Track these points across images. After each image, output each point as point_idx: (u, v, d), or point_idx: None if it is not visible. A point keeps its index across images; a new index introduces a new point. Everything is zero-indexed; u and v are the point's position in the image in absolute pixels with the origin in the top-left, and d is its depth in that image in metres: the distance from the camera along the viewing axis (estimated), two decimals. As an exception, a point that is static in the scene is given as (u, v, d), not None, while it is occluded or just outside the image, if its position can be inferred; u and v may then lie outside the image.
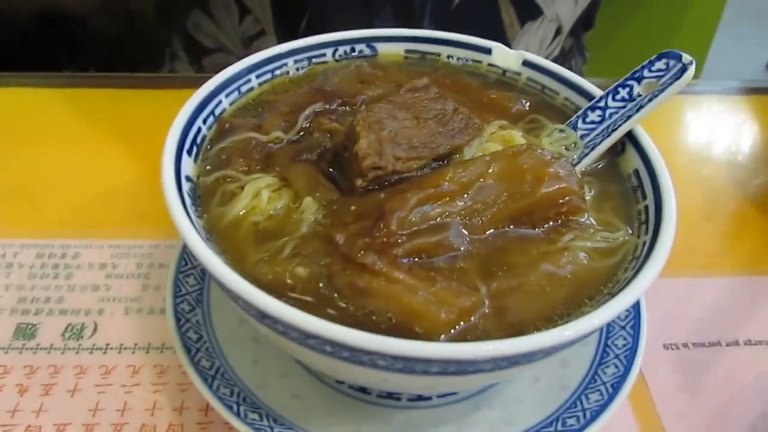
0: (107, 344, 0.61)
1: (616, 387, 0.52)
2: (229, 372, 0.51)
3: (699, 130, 0.96)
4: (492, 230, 0.46)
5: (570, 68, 1.21)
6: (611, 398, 0.51)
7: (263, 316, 0.38)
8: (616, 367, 0.54)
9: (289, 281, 0.41)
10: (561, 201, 0.47)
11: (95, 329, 0.62)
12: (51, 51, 1.25)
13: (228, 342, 0.54)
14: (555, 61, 1.17)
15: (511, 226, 0.47)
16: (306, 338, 0.37)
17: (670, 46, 0.56)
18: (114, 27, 1.29)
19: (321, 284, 0.42)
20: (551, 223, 0.47)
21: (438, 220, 0.44)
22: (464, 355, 0.35)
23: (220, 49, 1.12)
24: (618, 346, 0.56)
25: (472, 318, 0.40)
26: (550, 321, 0.41)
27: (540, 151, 0.48)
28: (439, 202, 0.45)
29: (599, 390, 0.52)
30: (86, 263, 0.68)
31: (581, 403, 0.51)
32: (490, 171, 0.47)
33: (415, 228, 0.43)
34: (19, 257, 0.69)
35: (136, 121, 0.87)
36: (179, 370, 0.58)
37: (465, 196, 0.45)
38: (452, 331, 0.39)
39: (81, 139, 0.84)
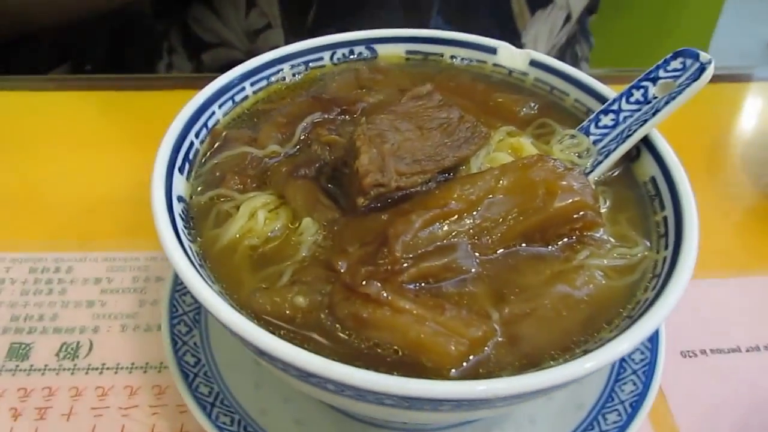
0: (103, 364, 0.59)
1: (635, 406, 0.50)
2: (229, 398, 0.49)
3: (710, 120, 0.93)
4: (502, 249, 0.44)
5: (576, 55, 1.18)
6: (630, 419, 0.49)
7: (261, 353, 0.35)
8: (634, 384, 0.51)
9: (288, 312, 0.39)
10: (575, 216, 0.44)
11: (91, 348, 0.60)
12: (42, 50, 1.22)
13: (227, 365, 0.52)
14: (561, 48, 1.15)
15: (523, 244, 0.44)
16: (307, 376, 0.35)
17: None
18: (109, 23, 1.26)
19: (322, 315, 0.39)
20: (565, 239, 0.45)
21: (445, 241, 0.42)
22: (477, 395, 0.33)
23: (221, 44, 1.09)
24: (635, 361, 0.53)
25: (485, 349, 0.37)
26: (567, 349, 0.39)
27: (552, 162, 0.45)
28: (446, 222, 0.42)
29: (617, 410, 0.50)
30: (80, 278, 0.66)
31: (598, 424, 0.49)
32: (499, 185, 0.44)
33: (421, 251, 0.41)
34: (12, 272, 0.66)
35: (131, 124, 0.85)
36: (178, 390, 0.55)
37: (474, 213, 0.43)
38: (464, 364, 0.37)
39: (74, 145, 0.82)
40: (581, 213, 0.44)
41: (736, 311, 0.67)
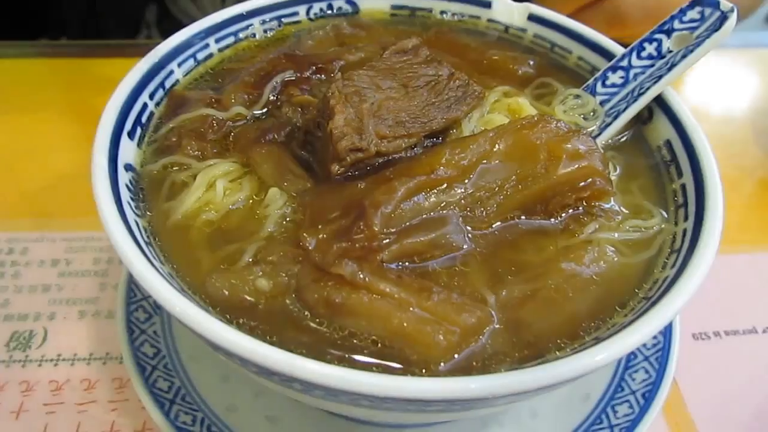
0: (59, 355, 0.54)
1: (648, 397, 0.44)
2: (192, 393, 0.44)
3: (718, 89, 0.88)
4: (499, 223, 0.38)
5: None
6: (643, 411, 0.44)
7: (215, 347, 0.30)
8: (647, 372, 0.46)
9: (249, 297, 0.33)
10: (582, 183, 0.39)
11: (45, 337, 0.55)
12: (18, 18, 1.16)
13: (192, 356, 0.47)
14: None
15: (523, 217, 0.39)
16: (270, 374, 0.29)
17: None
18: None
19: (288, 300, 0.33)
20: (571, 210, 0.40)
21: (432, 213, 0.36)
22: (470, 394, 0.28)
23: None
24: (647, 346, 0.48)
25: (480, 338, 0.32)
26: (575, 337, 0.33)
27: (555, 123, 0.40)
28: (434, 191, 0.36)
29: (628, 401, 0.45)
30: (36, 259, 0.61)
31: (608, 417, 0.44)
32: (495, 150, 0.38)
33: (405, 225, 0.35)
34: (-40, 254, 0.61)
35: (94, 94, 0.78)
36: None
37: (465, 182, 0.37)
38: (455, 356, 0.31)
39: (31, 117, 0.75)
40: (589, 180, 0.39)
41: (750, 289, 0.63)
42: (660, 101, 0.46)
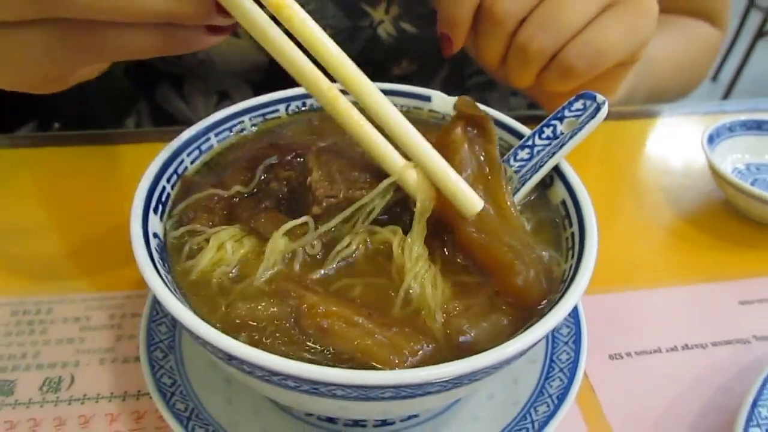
0: (84, 395, 0.64)
1: (561, 398, 0.57)
2: (204, 413, 0.55)
3: (633, 153, 1.04)
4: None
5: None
6: (557, 408, 0.56)
7: (230, 358, 0.42)
8: (561, 380, 0.59)
9: (254, 323, 0.46)
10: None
11: (72, 381, 0.65)
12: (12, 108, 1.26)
13: (201, 385, 0.58)
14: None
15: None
16: (271, 375, 0.41)
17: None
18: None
19: (288, 324, 0.46)
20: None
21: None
22: (417, 380, 0.40)
23: (186, 122, 1.14)
24: (562, 361, 0.61)
25: (421, 354, 0.45)
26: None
27: None
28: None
29: (546, 402, 0.57)
30: (60, 318, 0.71)
31: (530, 415, 0.56)
32: None
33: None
34: (-6, 317, 0.71)
35: (103, 176, 0.91)
36: (156, 414, 0.61)
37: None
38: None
39: (48, 197, 0.88)
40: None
41: (657, 319, 0.75)
42: (558, 170, 0.60)
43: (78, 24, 0.46)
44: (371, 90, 0.50)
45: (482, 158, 0.56)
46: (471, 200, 0.52)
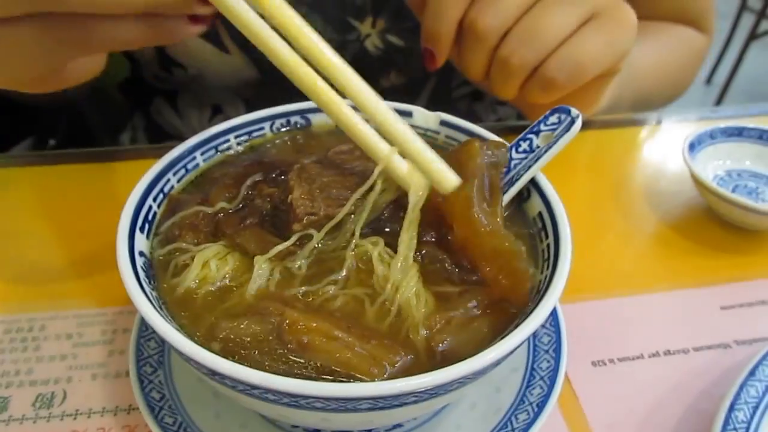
0: (77, 410, 0.65)
1: (541, 405, 0.58)
2: (192, 426, 0.56)
3: (615, 161, 1.05)
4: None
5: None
6: (536, 416, 0.57)
7: (213, 374, 0.43)
8: (541, 387, 0.60)
9: (238, 339, 0.47)
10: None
11: (65, 396, 0.66)
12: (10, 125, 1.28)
13: (189, 399, 0.59)
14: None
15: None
16: (252, 389, 0.43)
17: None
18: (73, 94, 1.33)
19: (272, 338, 0.48)
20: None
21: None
22: (395, 391, 0.42)
23: (180, 137, 1.17)
24: (543, 369, 0.62)
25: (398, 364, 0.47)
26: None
27: None
28: None
29: (526, 410, 0.59)
30: (53, 334, 0.73)
31: (511, 423, 0.58)
32: None
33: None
34: (-13, 335, 0.72)
35: (96, 193, 0.92)
36: (146, 428, 0.62)
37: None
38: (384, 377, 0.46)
39: (42, 215, 0.89)
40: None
41: (639, 325, 0.77)
42: (534, 183, 0.62)
43: (62, 17, 0.47)
44: (348, 73, 0.51)
45: (487, 180, 0.57)
46: (447, 177, 0.53)
